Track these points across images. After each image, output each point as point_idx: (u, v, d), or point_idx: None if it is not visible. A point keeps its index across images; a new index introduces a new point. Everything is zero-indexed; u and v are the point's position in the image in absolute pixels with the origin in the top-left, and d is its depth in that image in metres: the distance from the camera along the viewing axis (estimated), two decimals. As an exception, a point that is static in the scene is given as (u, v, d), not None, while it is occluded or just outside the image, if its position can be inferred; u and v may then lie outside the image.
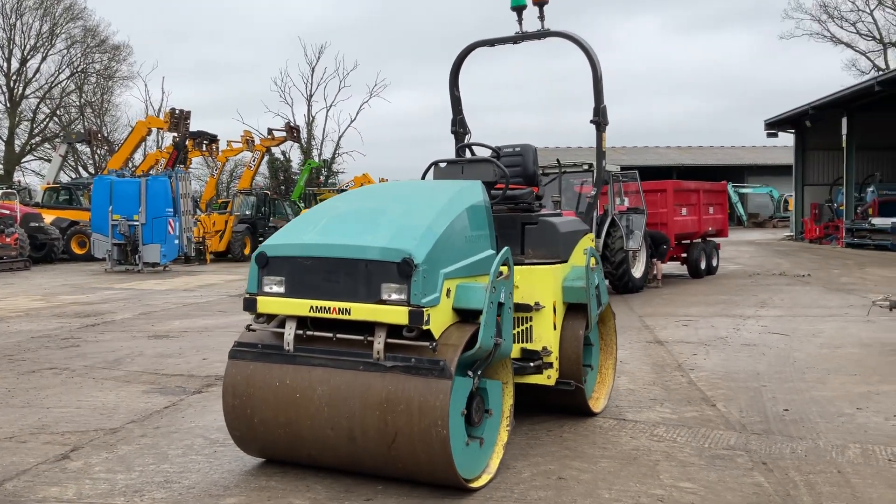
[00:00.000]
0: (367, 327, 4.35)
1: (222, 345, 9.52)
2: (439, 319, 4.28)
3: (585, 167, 14.60)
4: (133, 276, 20.59)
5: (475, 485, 4.39)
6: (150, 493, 4.44)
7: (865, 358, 8.38)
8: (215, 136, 31.15)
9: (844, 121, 27.76)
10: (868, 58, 43.08)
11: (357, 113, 53.84)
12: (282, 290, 4.52)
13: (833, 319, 11.33)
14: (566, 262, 5.80)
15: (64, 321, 11.84)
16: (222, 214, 27.23)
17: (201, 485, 4.57)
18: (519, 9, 6.35)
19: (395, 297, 4.22)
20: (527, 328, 5.49)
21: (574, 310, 5.78)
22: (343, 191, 31.85)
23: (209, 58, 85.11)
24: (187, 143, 29.25)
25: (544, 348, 5.49)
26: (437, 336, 4.25)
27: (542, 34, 6.40)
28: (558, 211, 6.41)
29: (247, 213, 28.49)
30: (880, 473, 4.68)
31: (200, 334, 10.47)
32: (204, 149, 30.77)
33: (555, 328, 5.56)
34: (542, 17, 6.34)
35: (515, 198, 5.94)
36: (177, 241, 22.54)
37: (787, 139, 35.18)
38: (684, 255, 18.58)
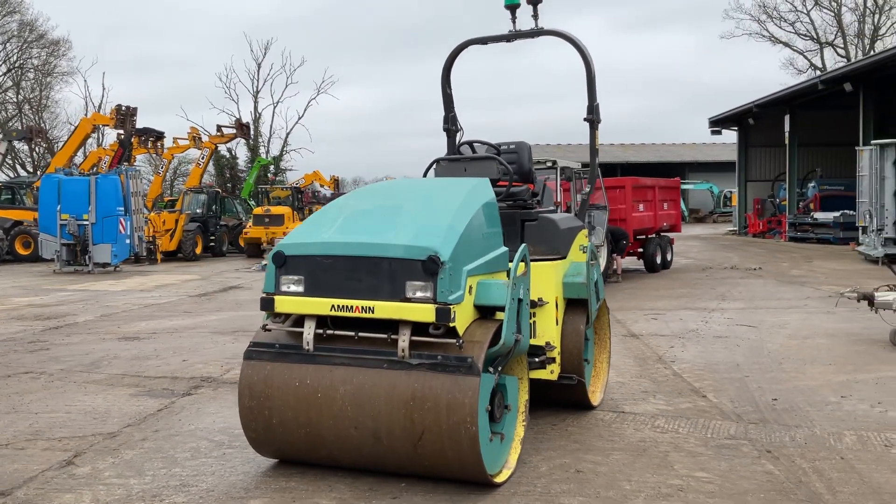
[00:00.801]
0: (390, 325, 4.35)
1: (198, 346, 9.38)
2: (463, 316, 4.31)
3: (549, 164, 14.76)
4: (84, 277, 20.05)
5: (497, 480, 4.43)
6: (169, 497, 4.36)
7: (835, 348, 8.68)
8: (162, 134, 30.52)
9: (787, 118, 28.61)
10: (805, 57, 44.56)
11: (305, 109, 53.30)
12: (300, 289, 4.48)
13: (794, 311, 11.69)
14: (565, 258, 5.88)
15: (25, 324, 11.48)
16: (172, 213, 26.70)
17: (220, 487, 4.51)
18: (513, 7, 6.40)
19: (420, 294, 4.23)
20: (531, 324, 5.55)
21: (574, 305, 5.87)
22: (297, 188, 31.57)
23: (150, 53, 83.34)
24: (132, 140, 28.60)
25: (547, 343, 5.56)
26: (461, 333, 4.28)
27: (536, 33, 6.47)
28: (552, 207, 6.49)
29: (198, 211, 27.99)
30: (881, 459, 4.88)
31: (172, 336, 10.28)
32: (149, 146, 30.11)
33: (557, 323, 5.64)
34: (535, 16, 6.40)
35: (514, 195, 5.99)
36: (128, 241, 22.02)
37: (729, 136, 36.13)
38: (640, 249, 18.92)
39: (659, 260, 19.01)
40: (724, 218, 49.36)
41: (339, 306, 4.36)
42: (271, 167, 45.60)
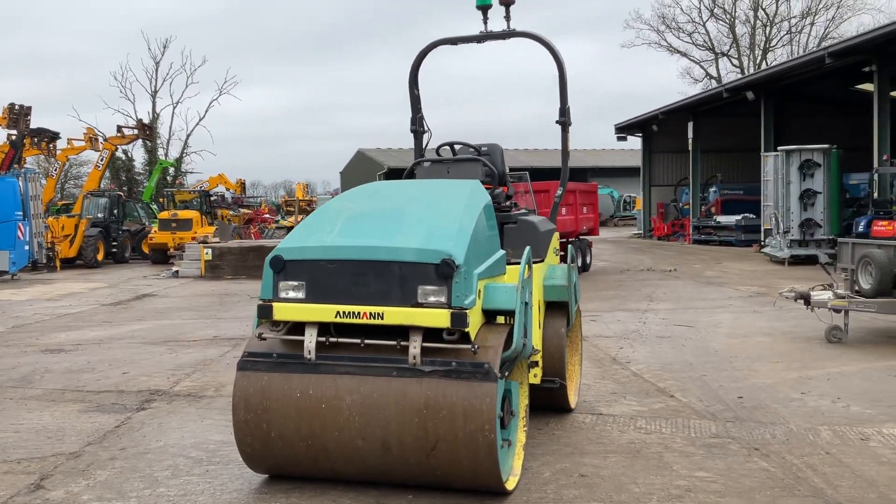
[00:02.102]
0: (396, 332, 4.20)
1: (134, 358, 8.89)
2: (474, 321, 4.19)
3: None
4: (-20, 286, 18.77)
5: (508, 487, 4.34)
6: (162, 520, 4.07)
7: (776, 346, 8.99)
8: (57, 134, 28.95)
9: (690, 125, 29.71)
10: (702, 66, 46.50)
11: (206, 111, 51.82)
12: (301, 295, 4.27)
13: (723, 311, 12.08)
14: (543, 260, 5.85)
15: (-69, 337, 10.62)
16: (72, 218, 25.35)
17: (216, 507, 4.24)
18: (484, 8, 6.33)
19: (432, 299, 4.09)
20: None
21: (553, 308, 5.84)
22: (206, 192, 30.58)
23: (40, 49, 79.19)
24: (24, 140, 27.02)
25: (532, 347, 5.50)
26: (472, 338, 4.16)
27: (508, 34, 6.42)
28: (523, 210, 6.45)
29: (99, 216, 26.68)
30: (863, 453, 5.04)
31: (100, 347, 9.71)
32: (42, 147, 28.52)
33: (539, 327, 5.59)
34: (507, 18, 6.35)
35: (493, 197, 5.92)
36: (27, 248, 20.78)
37: (633, 142, 37.23)
38: (563, 253, 19.17)
39: (579, 263, 19.35)
40: (625, 221, 50.78)
41: (344, 313, 4.17)
42: (171, 169, 44.08)
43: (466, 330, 4.08)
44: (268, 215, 41.87)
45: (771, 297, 13.67)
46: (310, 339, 4.25)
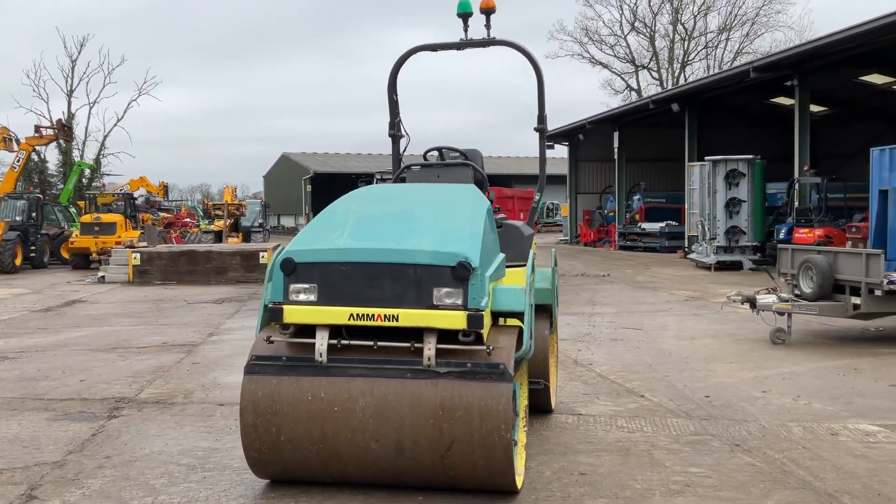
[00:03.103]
0: (408, 334, 4.22)
1: (85, 365, 8.60)
2: (486, 323, 4.26)
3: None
4: None
5: (518, 486, 4.41)
6: (173, 527, 3.99)
7: (725, 347, 9.35)
8: (-32, 134, 27.67)
9: (616, 135, 30.51)
10: (623, 78, 47.79)
11: (125, 111, 49.78)
12: (313, 297, 4.25)
13: (664, 314, 12.47)
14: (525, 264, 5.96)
15: None
16: (-14, 221, 24.22)
17: (225, 513, 4.18)
18: (465, 16, 6.41)
19: (448, 301, 4.14)
20: None
21: (537, 311, 5.94)
22: (130, 195, 29.66)
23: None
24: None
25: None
26: (485, 339, 4.23)
27: (488, 42, 6.52)
28: (502, 215, 6.55)
29: (17, 219, 25.56)
30: (837, 447, 5.32)
31: (45, 354, 9.35)
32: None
33: None
34: (488, 26, 6.44)
35: None
36: (-58, 251, 19.75)
37: (560, 151, 37.98)
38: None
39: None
40: (548, 228, 51.65)
41: (358, 315, 4.18)
42: (87, 171, 42.58)
43: (481, 331, 4.15)
44: (188, 219, 40.93)
45: (705, 301, 14.22)
46: (321, 341, 4.24)
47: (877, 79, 25.26)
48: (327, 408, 4.20)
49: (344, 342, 4.26)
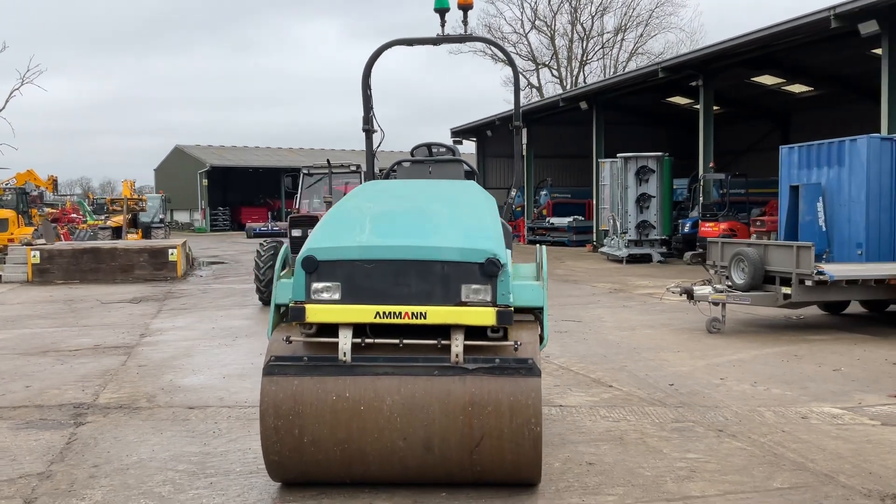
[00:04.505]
0: (431, 331, 4.21)
1: (22, 370, 8.12)
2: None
3: (353, 168, 14.73)
4: None
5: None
6: (201, 536, 3.85)
7: (667, 337, 9.71)
8: None
9: (524, 131, 30.99)
10: (524, 76, 48.48)
11: (6, 101, 46.89)
12: (337, 296, 4.18)
13: (596, 307, 12.81)
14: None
15: None
16: None
17: (250, 519, 4.06)
18: (442, 11, 6.39)
19: (476, 297, 4.15)
20: None
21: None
22: (22, 190, 28.00)
23: None
24: None
25: None
26: (509, 335, 4.27)
27: (465, 38, 6.54)
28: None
29: None
30: (812, 429, 5.63)
31: (-30, 359, 8.76)
32: None
33: None
34: (465, 22, 6.46)
35: None
36: None
37: (468, 146, 38.28)
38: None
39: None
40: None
41: (384, 313, 4.13)
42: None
43: (510, 327, 4.18)
44: (74, 215, 39.00)
45: (629, 293, 14.71)
46: (345, 340, 4.17)
47: (768, 80, 26.69)
48: (353, 407, 4.14)
49: (368, 341, 4.21)
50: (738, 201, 21.56)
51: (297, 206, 14.90)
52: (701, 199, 21.17)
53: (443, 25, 6.45)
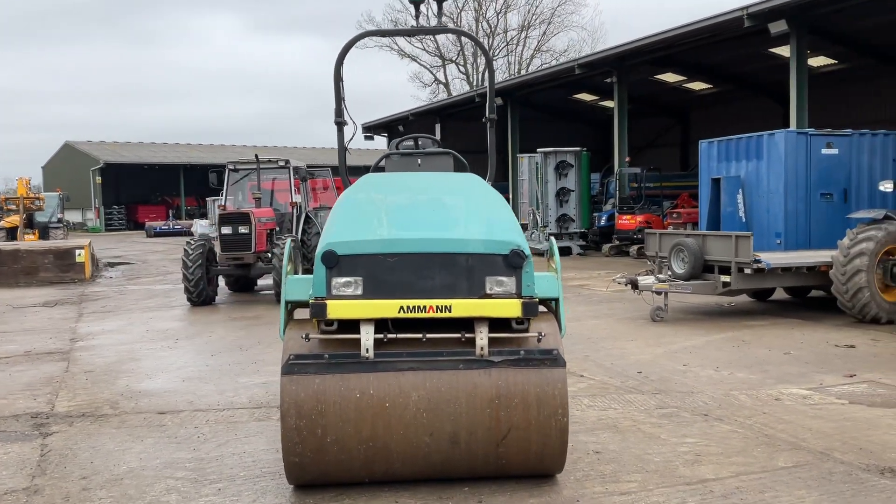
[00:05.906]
0: (453, 324, 4.15)
1: (-45, 379, 7.57)
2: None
3: (282, 163, 14.43)
4: None
5: (556, 469, 4.47)
6: (231, 545, 3.67)
7: (616, 326, 9.92)
8: None
9: (438, 127, 31.09)
10: (431, 72, 48.68)
11: None
12: (359, 291, 4.06)
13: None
14: None
15: None
16: None
17: (277, 525, 3.90)
18: (416, 3, 6.32)
19: (500, 289, 4.11)
20: None
21: None
22: None
23: None
24: None
25: None
26: (530, 327, 4.25)
27: (439, 30, 6.49)
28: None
29: None
30: (791, 410, 5.86)
31: None
32: None
33: None
34: (439, 14, 6.40)
35: None
36: None
37: (380, 142, 37.99)
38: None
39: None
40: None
41: (408, 307, 4.04)
42: None
43: (534, 319, 4.16)
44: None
45: (619, 283, 14.93)
46: (367, 336, 4.06)
47: (670, 77, 27.61)
48: (378, 404, 4.04)
49: (391, 336, 4.11)
50: (652, 195, 22.24)
51: (223, 203, 14.47)
52: (617, 192, 21.72)
53: (417, 17, 6.37)
